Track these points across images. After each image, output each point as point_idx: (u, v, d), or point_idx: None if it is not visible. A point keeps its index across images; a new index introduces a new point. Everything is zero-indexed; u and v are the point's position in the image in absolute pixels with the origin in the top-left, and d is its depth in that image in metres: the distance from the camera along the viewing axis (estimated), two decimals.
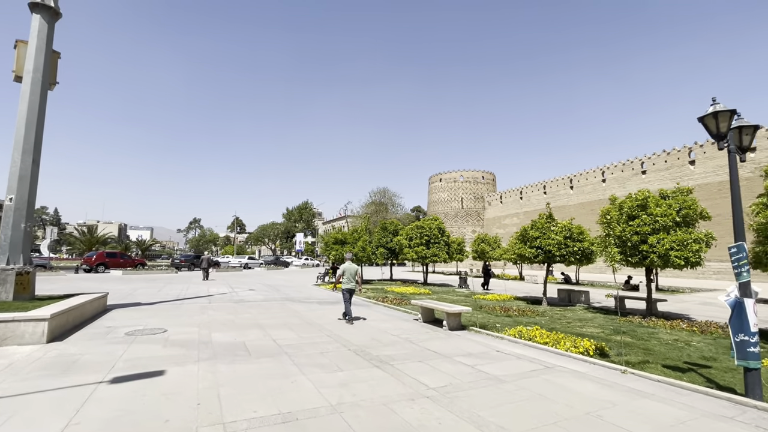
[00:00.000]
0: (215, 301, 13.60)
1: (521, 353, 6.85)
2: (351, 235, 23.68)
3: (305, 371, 5.51)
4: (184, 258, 37.93)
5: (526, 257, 15.76)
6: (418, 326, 9.40)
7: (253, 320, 9.82)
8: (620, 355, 7.07)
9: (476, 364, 6.06)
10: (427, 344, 7.45)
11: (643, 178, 38.87)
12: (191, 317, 10.05)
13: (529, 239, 15.71)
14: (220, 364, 5.74)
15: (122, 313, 10.44)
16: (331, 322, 9.81)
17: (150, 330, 8.19)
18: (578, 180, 46.28)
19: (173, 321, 9.40)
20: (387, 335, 8.22)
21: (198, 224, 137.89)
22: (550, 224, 15.64)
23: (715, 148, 33.29)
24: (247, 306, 12.56)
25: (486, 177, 64.45)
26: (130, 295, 15.04)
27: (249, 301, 13.79)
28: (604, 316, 12.37)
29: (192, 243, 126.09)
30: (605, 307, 14.98)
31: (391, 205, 71.83)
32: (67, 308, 7.78)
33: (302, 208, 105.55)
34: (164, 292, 16.55)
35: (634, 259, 11.66)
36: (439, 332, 8.71)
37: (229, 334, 7.95)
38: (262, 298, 14.86)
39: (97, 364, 5.59)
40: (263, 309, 11.96)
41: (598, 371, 5.79)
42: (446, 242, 23.41)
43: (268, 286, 20.64)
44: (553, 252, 14.80)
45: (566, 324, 10.67)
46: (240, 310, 11.53)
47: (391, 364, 5.95)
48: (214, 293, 16.45)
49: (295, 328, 8.79)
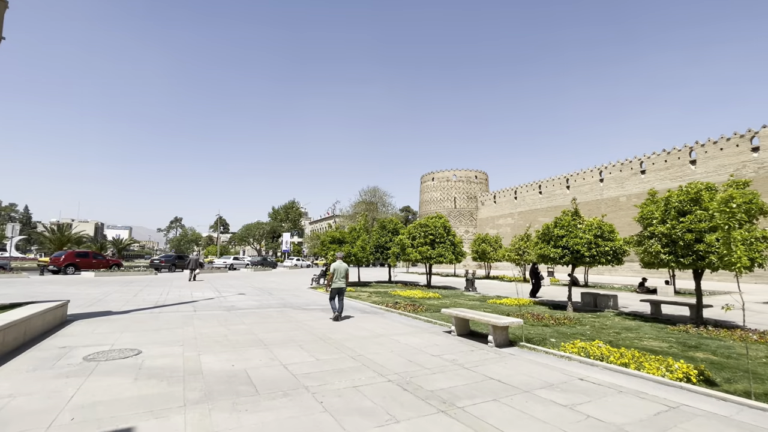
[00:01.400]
0: (202, 309, 11.64)
1: (612, 382, 5.25)
2: (350, 234, 21.89)
3: (345, 423, 3.76)
4: (164, 258, 35.35)
5: (550, 258, 14.30)
6: (455, 341, 7.73)
7: (251, 334, 7.97)
8: (729, 381, 5.56)
9: (574, 404, 4.42)
10: (484, 369, 5.79)
11: (642, 177, 38.28)
12: (173, 331, 8.13)
13: (554, 238, 14.26)
14: (218, 413, 3.93)
15: (86, 326, 8.42)
16: (349, 336, 8.04)
17: (118, 351, 6.27)
18: (575, 180, 45.57)
19: (150, 337, 7.48)
20: (425, 356, 6.53)
21: (179, 223, 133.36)
22: (576, 222, 14.23)
23: (716, 148, 32.85)
24: (241, 315, 10.67)
25: (479, 176, 63.43)
26: (100, 301, 12.90)
27: (242, 309, 11.88)
28: (650, 324, 10.95)
29: (173, 243, 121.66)
30: (637, 312, 13.63)
31: (382, 204, 70.26)
32: (4, 324, 5.80)
33: (289, 208, 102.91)
34: (141, 297, 14.43)
35: (687, 260, 10.28)
36: (486, 350, 7.05)
37: (224, 357, 6.11)
38: (256, 305, 12.94)
39: (29, 417, 3.71)
40: (260, 318, 10.08)
41: (743, 414, 4.23)
42: (452, 242, 21.86)
43: (260, 290, 18.66)
44: (582, 252, 13.36)
45: (616, 335, 9.18)
46: (233, 321, 9.63)
47: (460, 407, 4.25)
48: (199, 298, 14.43)
49: (306, 346, 7.00)
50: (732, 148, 31.84)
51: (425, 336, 8.22)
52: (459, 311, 8.47)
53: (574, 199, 15.05)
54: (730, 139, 31.98)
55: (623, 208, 39.50)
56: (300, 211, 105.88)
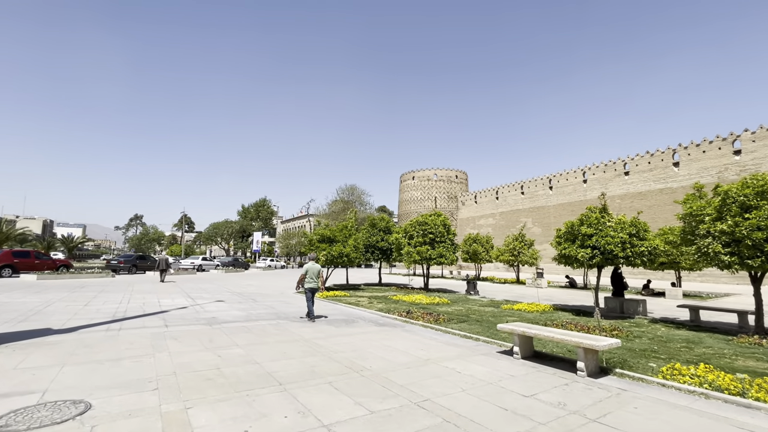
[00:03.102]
0: (175, 323, 9.19)
1: None
2: (340, 232, 19.70)
3: None
4: (123, 258, 31.46)
5: (575, 260, 12.85)
6: (529, 370, 5.90)
7: (254, 363, 5.78)
8: None
9: None
10: (615, 421, 3.98)
11: (626, 179, 38.45)
12: (140, 361, 5.78)
13: (580, 237, 12.82)
14: None
15: (7, 356, 5.89)
16: (388, 364, 5.98)
17: (52, 408, 3.96)
18: (558, 180, 45.42)
19: (105, 374, 5.14)
20: (513, 397, 4.64)
21: (140, 221, 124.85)
22: (606, 219, 12.87)
23: (699, 150, 33.26)
24: (228, 331, 8.36)
25: (459, 176, 62.65)
26: (38, 313, 10.10)
27: (227, 322, 9.53)
28: (707, 335, 9.60)
29: (132, 242, 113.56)
30: (669, 319, 12.43)
31: (360, 203, 68.06)
32: None
33: (260, 206, 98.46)
34: (94, 306, 11.67)
35: (755, 261, 9.01)
36: (583, 384, 5.25)
37: (228, 413, 3.95)
38: (243, 316, 10.60)
39: None
40: (256, 337, 7.84)
41: None
42: (452, 241, 20.20)
43: (240, 295, 16.16)
44: (616, 253, 11.99)
45: (687, 350, 7.68)
46: (220, 341, 7.35)
47: None
48: (169, 307, 11.86)
49: (340, 385, 4.92)
50: (714, 151, 32.30)
51: (483, 361, 6.34)
52: (523, 327, 6.63)
53: (603, 193, 13.69)
54: (713, 141, 32.44)
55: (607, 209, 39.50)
56: (272, 210, 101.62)
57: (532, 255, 26.65)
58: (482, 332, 8.89)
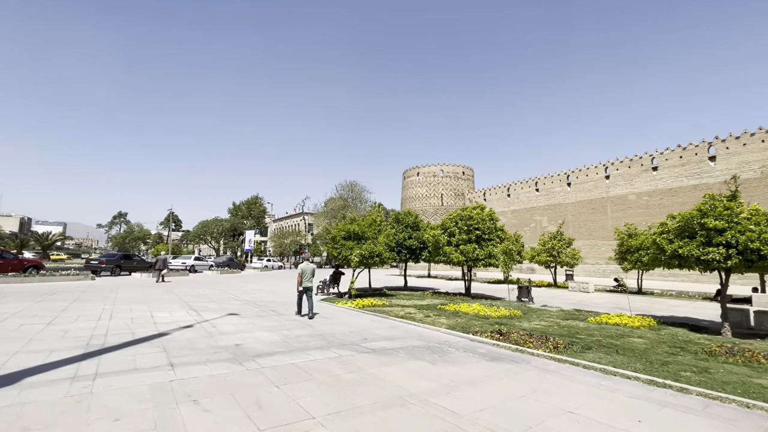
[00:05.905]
0: (184, 358, 5.91)
1: None
2: (370, 228, 16.51)
3: None
4: (106, 258, 27.51)
5: (698, 261, 9.94)
6: None
7: None
8: None
9: None
10: None
11: (654, 174, 36.05)
12: None
13: (706, 233, 9.92)
14: None
15: None
16: None
17: None
18: (577, 176, 42.90)
19: None
20: None
21: (124, 219, 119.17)
22: (739, 209, 9.98)
23: (739, 143, 31.00)
24: (276, 378, 5.12)
25: (466, 172, 59.89)
26: None
27: (261, 356, 6.27)
28: None
29: (116, 240, 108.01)
30: None
31: (360, 201, 64.82)
32: None
33: (251, 203, 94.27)
34: (60, 326, 8.25)
35: None
36: None
37: None
38: (279, 341, 7.34)
39: None
40: (330, 392, 4.62)
41: None
42: (501, 239, 17.18)
43: (253, 304, 12.86)
44: (763, 252, 9.12)
45: None
46: (275, 405, 4.12)
47: None
48: (168, 326, 8.50)
49: None
50: (756, 144, 30.07)
51: None
52: None
53: (734, 177, 10.76)
54: (755, 134, 30.22)
55: (632, 207, 37.17)
56: (264, 208, 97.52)
57: (573, 255, 23.84)
58: (656, 372, 5.85)
